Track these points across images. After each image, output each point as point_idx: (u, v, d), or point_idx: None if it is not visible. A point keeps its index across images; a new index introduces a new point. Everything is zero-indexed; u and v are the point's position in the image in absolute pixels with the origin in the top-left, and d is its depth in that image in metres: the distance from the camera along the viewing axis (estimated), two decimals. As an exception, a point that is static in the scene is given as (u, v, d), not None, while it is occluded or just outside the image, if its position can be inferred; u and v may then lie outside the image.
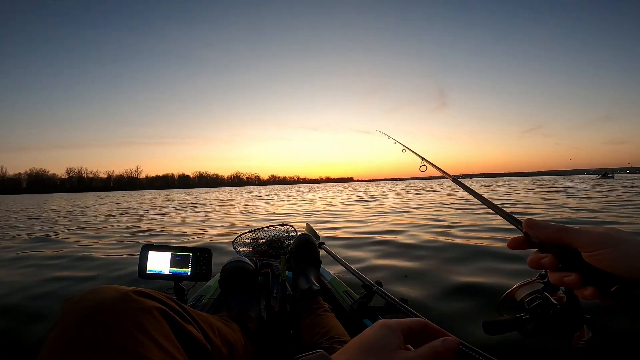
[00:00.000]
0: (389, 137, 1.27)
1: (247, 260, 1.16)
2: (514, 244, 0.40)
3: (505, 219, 0.45)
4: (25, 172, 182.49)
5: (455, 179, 0.73)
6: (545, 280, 0.47)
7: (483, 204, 0.54)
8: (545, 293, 0.47)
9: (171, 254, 1.03)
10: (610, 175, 53.24)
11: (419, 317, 0.96)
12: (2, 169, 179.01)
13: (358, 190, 28.64)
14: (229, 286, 1.09)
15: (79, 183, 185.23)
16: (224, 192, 40.96)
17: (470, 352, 0.72)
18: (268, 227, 1.80)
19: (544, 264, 0.37)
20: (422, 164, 0.90)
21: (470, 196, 0.59)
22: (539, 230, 0.37)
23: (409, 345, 0.36)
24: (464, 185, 0.66)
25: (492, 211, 0.50)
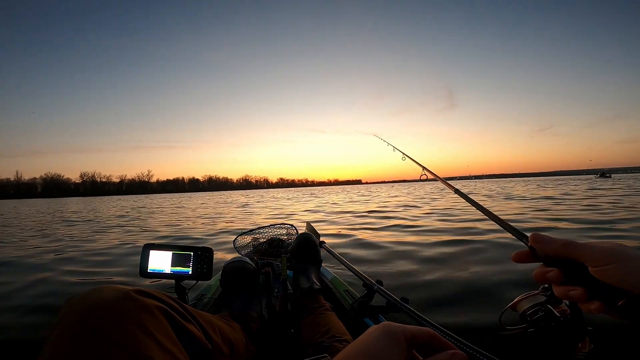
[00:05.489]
0: (388, 144, 1.21)
1: (247, 259, 1.16)
2: (518, 258, 0.40)
3: (510, 233, 0.45)
4: (40, 176, 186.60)
5: (457, 190, 0.72)
6: (548, 293, 0.47)
7: (488, 217, 0.52)
8: (548, 305, 0.47)
9: (172, 253, 1.04)
10: (608, 175, 56.86)
11: (423, 318, 0.95)
12: (17, 173, 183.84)
13: (342, 194, 27.35)
14: (230, 285, 1.10)
15: (93, 187, 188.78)
16: (199, 197, 40.01)
17: (479, 355, 0.69)
18: (269, 226, 1.81)
19: (550, 278, 0.37)
20: (423, 172, 0.91)
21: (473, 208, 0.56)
22: (545, 244, 0.37)
23: (414, 352, 0.35)
24: (467, 196, 0.64)
25: (498, 225, 0.48)
